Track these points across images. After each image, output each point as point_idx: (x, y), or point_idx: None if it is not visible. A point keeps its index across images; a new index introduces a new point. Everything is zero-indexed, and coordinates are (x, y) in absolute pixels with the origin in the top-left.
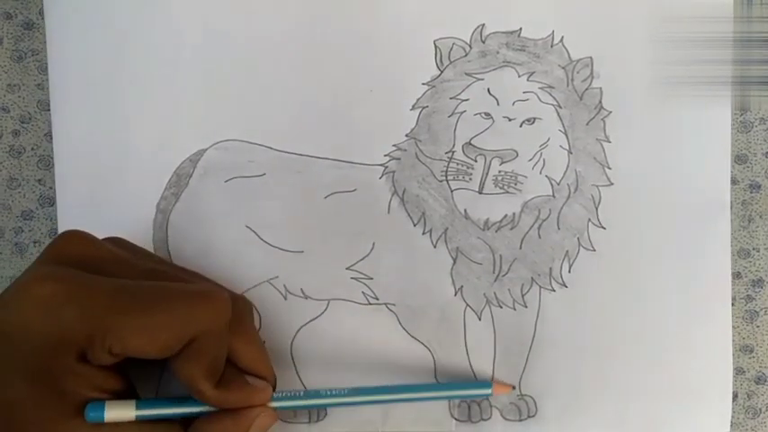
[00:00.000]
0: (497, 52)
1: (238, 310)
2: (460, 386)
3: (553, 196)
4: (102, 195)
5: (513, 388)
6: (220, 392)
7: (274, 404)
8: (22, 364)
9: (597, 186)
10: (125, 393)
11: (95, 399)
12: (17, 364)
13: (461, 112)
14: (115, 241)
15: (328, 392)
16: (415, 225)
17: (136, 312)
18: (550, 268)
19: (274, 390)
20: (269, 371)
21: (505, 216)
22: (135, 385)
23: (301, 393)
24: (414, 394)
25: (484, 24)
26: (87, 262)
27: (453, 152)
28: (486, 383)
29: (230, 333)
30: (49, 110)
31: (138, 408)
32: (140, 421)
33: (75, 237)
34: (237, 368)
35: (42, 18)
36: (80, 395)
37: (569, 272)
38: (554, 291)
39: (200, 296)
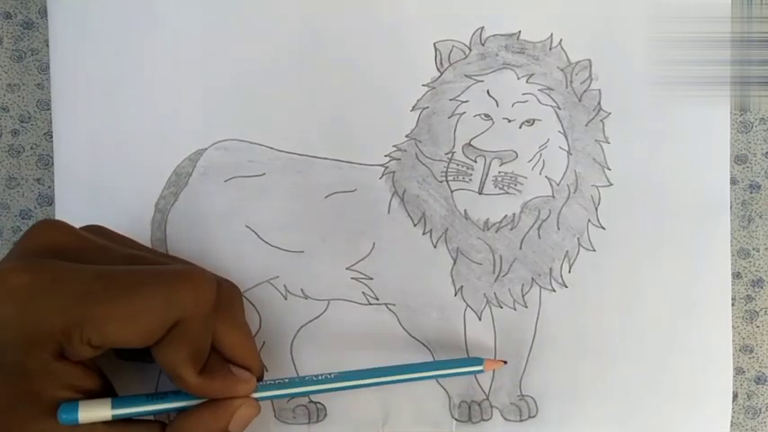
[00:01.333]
0: (497, 54)
1: (225, 295)
2: (452, 364)
3: (553, 197)
4: (101, 195)
5: (505, 362)
6: (203, 381)
7: (257, 395)
8: None
9: (597, 187)
10: (102, 392)
11: (68, 398)
12: None
13: (461, 114)
14: (93, 229)
15: (314, 379)
16: (415, 225)
17: (113, 300)
18: (550, 268)
19: (260, 380)
20: (254, 360)
21: (505, 216)
22: (112, 382)
23: (286, 381)
24: (404, 375)
25: (483, 27)
26: (63, 251)
27: (453, 153)
28: (478, 360)
29: (215, 318)
30: (48, 109)
31: (113, 407)
32: (117, 421)
33: (50, 226)
34: (222, 356)
35: (42, 18)
36: (52, 395)
37: (569, 272)
38: (554, 291)
39: (180, 277)
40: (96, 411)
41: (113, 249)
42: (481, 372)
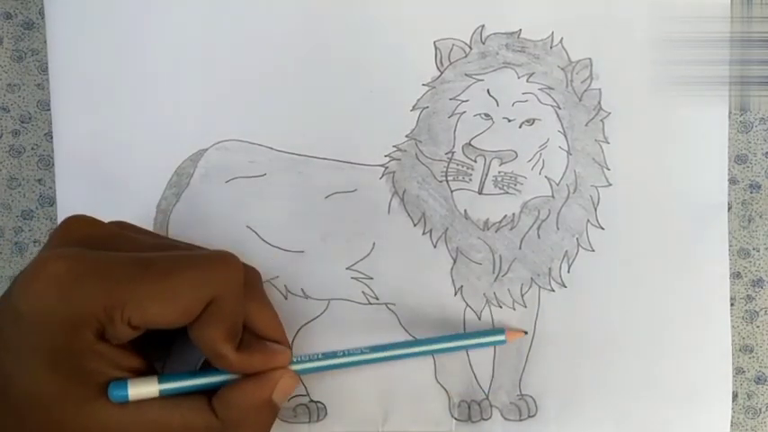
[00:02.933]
0: (497, 53)
1: (250, 278)
2: (475, 335)
3: (552, 197)
4: (103, 195)
5: (526, 333)
6: (242, 356)
7: (295, 367)
8: (42, 347)
9: (596, 187)
10: (144, 372)
11: (117, 378)
12: (37, 348)
13: (461, 113)
14: (119, 224)
15: (346, 353)
16: (415, 225)
17: (152, 279)
18: (550, 268)
19: None
20: (284, 336)
21: (505, 216)
22: None
23: (319, 355)
24: (430, 347)
25: (484, 25)
26: (95, 242)
27: (453, 153)
28: (500, 330)
29: (245, 299)
30: (49, 110)
31: (160, 382)
32: (164, 397)
33: (80, 220)
34: (254, 334)
35: (42, 18)
36: (101, 375)
37: (568, 272)
38: (553, 291)
39: (213, 258)
40: (145, 387)
41: (142, 240)
42: (503, 342)
